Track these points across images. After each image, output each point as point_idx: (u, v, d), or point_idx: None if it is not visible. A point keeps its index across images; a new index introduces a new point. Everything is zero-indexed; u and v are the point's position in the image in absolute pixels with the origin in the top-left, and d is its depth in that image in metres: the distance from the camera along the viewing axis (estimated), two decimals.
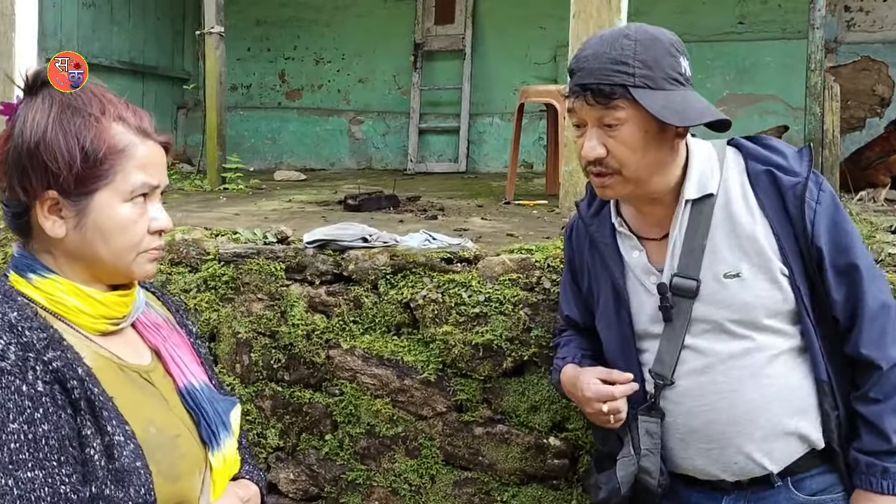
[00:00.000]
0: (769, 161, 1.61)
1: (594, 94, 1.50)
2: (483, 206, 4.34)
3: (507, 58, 6.88)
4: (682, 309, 1.61)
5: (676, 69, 1.53)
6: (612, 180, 1.56)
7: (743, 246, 1.59)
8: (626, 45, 1.51)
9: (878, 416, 1.57)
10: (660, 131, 1.54)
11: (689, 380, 1.64)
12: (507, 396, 2.34)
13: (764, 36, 6.20)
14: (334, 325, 2.53)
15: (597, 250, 1.75)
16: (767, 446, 1.61)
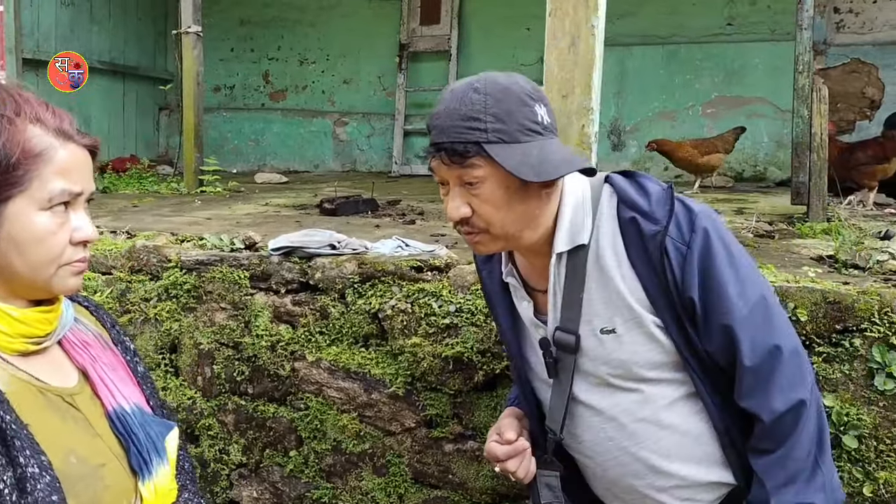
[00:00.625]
0: (635, 206, 1.48)
1: (448, 153, 1.40)
2: None
3: (493, 59, 6.77)
4: (566, 364, 1.53)
5: (532, 118, 1.41)
6: (482, 238, 1.47)
7: (614, 301, 1.48)
8: (475, 99, 1.40)
9: (763, 469, 1.46)
10: (522, 185, 1.42)
11: (590, 434, 1.56)
12: (478, 411, 2.24)
13: (752, 37, 6.11)
14: (300, 336, 2.42)
15: (490, 298, 1.67)
16: (684, 494, 1.52)
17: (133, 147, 7.31)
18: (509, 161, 1.38)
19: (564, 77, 2.35)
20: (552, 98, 2.37)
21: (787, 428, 1.44)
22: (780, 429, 1.44)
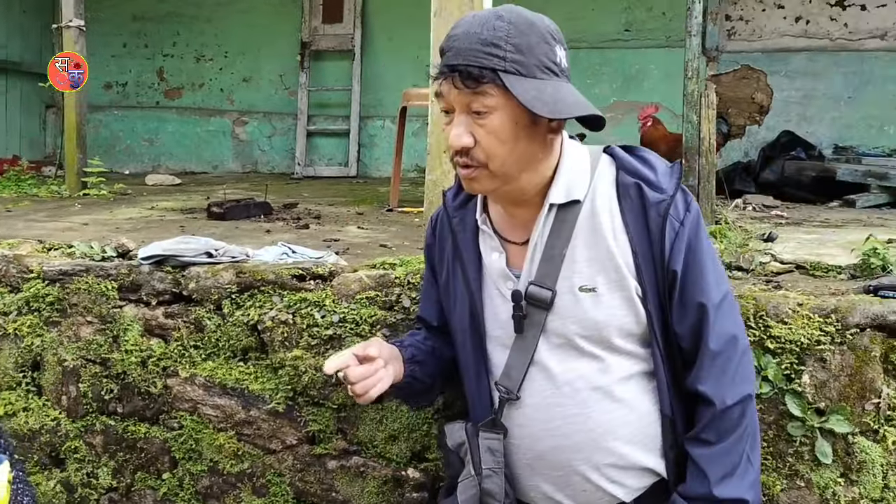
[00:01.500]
0: (639, 174, 1.50)
1: (462, 76, 1.37)
2: (364, 213, 4.13)
3: (397, 59, 6.70)
4: (535, 320, 1.50)
5: (551, 58, 1.40)
6: (479, 173, 1.44)
7: (601, 259, 1.48)
8: (499, 26, 1.38)
9: (705, 461, 1.46)
10: (531, 124, 1.42)
11: (536, 399, 1.52)
12: (363, 426, 2.15)
13: (649, 43, 6.23)
14: (173, 350, 2.27)
15: (456, 246, 1.61)
16: (615, 475, 1.51)
17: (17, 147, 6.90)
18: (524, 94, 1.36)
19: None
20: None
21: (733, 421, 1.46)
22: (726, 420, 1.46)
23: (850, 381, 1.89)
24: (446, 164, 2.30)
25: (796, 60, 6.03)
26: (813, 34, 6.07)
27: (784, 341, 1.90)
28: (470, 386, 1.64)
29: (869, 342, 1.89)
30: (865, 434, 1.88)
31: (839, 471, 1.88)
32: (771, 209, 4.23)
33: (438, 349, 1.72)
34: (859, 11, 6.02)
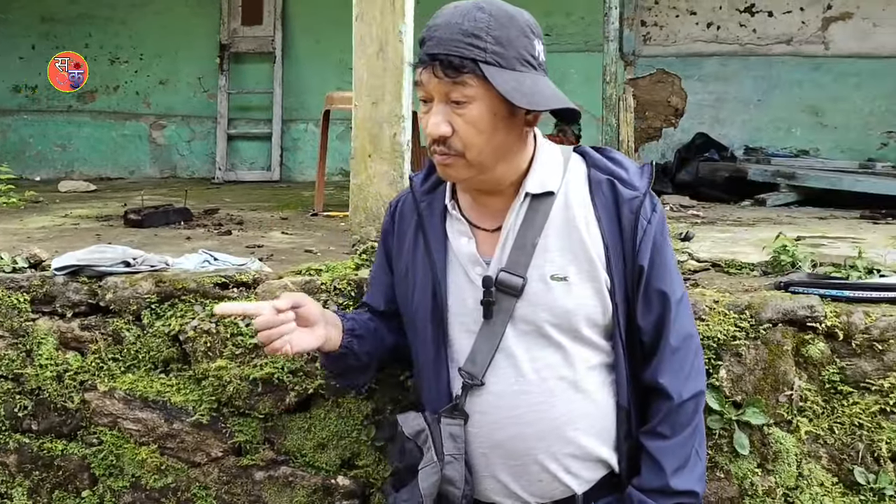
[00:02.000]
0: (611, 171, 1.57)
1: (443, 65, 1.40)
2: (288, 218, 4.08)
3: (320, 62, 6.63)
4: (504, 307, 1.51)
5: (530, 51, 1.45)
6: (455, 161, 1.46)
7: (574, 250, 1.52)
8: (479, 18, 1.41)
9: (661, 453, 1.52)
10: (509, 115, 1.44)
11: (501, 386, 1.53)
12: (291, 434, 2.12)
13: (569, 48, 6.33)
14: (90, 363, 2.20)
15: (422, 229, 1.61)
16: (573, 465, 1.53)
17: None
18: (504, 84, 1.39)
19: (374, 84, 2.28)
20: (363, 105, 2.30)
21: (688, 416, 1.54)
22: (682, 415, 1.54)
23: (764, 374, 1.97)
24: (371, 168, 2.30)
25: (708, 65, 6.23)
26: (723, 39, 6.29)
27: (702, 337, 1.96)
28: (426, 373, 1.62)
29: (781, 336, 1.97)
30: (779, 425, 1.96)
31: (756, 461, 1.96)
32: (687, 209, 4.37)
33: (380, 331, 1.71)
34: (766, 18, 6.27)
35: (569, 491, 1.54)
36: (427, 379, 1.63)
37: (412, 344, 1.68)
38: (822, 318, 1.96)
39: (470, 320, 1.55)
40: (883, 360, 1.93)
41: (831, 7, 6.17)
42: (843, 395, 1.95)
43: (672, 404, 1.52)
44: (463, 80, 1.40)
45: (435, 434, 1.55)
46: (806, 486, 1.94)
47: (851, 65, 6.11)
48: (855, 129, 6.11)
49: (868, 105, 6.07)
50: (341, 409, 2.10)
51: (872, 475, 1.92)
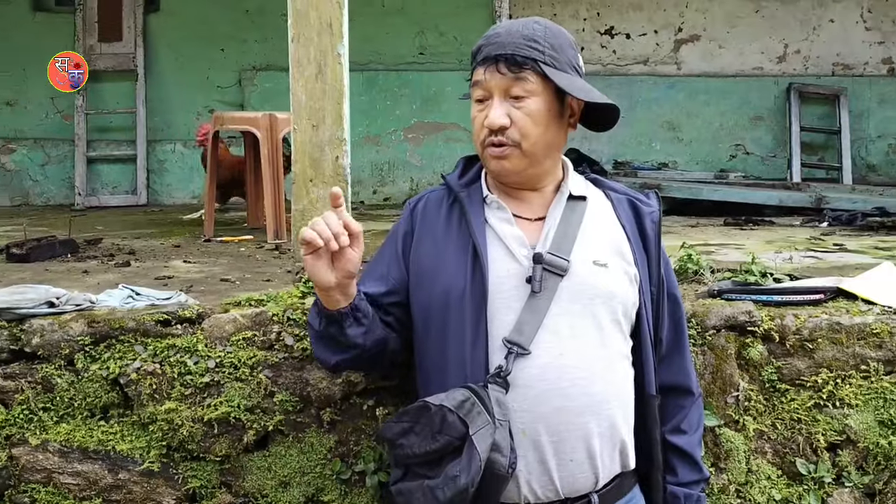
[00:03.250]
0: (626, 192, 1.78)
1: (507, 62, 1.57)
2: (181, 245, 3.88)
3: (186, 80, 6.37)
4: (549, 285, 1.60)
5: (576, 60, 1.66)
6: (512, 151, 1.60)
7: (608, 244, 1.68)
8: (536, 28, 1.62)
9: (691, 447, 1.73)
10: (558, 114, 1.63)
11: (544, 359, 1.56)
12: (250, 475, 2.02)
13: (444, 67, 6.44)
14: (17, 416, 2.00)
15: (463, 213, 1.67)
16: (603, 445, 1.58)
17: None
18: (562, 81, 1.58)
19: (314, 106, 2.23)
20: (302, 128, 2.25)
21: (700, 411, 1.80)
22: (698, 408, 1.78)
23: (713, 378, 2.09)
24: (313, 193, 2.24)
25: None
26: (587, 60, 6.60)
27: None
28: (458, 353, 1.60)
29: (725, 341, 2.11)
30: (729, 425, 2.10)
31: (710, 461, 2.07)
32: None
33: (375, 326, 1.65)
34: (625, 40, 6.67)
35: (592, 478, 1.57)
36: (458, 355, 1.59)
37: (431, 330, 1.65)
38: (759, 322, 2.12)
39: (512, 297, 1.60)
40: (814, 357, 2.10)
41: (682, 30, 6.66)
42: (782, 393, 2.11)
43: (693, 399, 1.76)
44: (524, 76, 1.57)
45: (484, 399, 1.51)
46: (755, 480, 2.08)
47: (701, 83, 6.62)
48: (707, 142, 6.61)
49: (718, 120, 6.59)
50: (303, 444, 2.03)
51: (812, 465, 2.09)
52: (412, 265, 1.71)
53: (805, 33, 6.68)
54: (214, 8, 6.32)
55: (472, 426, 1.48)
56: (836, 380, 2.09)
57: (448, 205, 1.71)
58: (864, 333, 2.10)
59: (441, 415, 1.51)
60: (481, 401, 1.51)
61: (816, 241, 4.04)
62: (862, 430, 2.07)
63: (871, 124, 6.60)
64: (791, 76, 6.61)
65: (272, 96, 6.26)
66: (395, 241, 1.76)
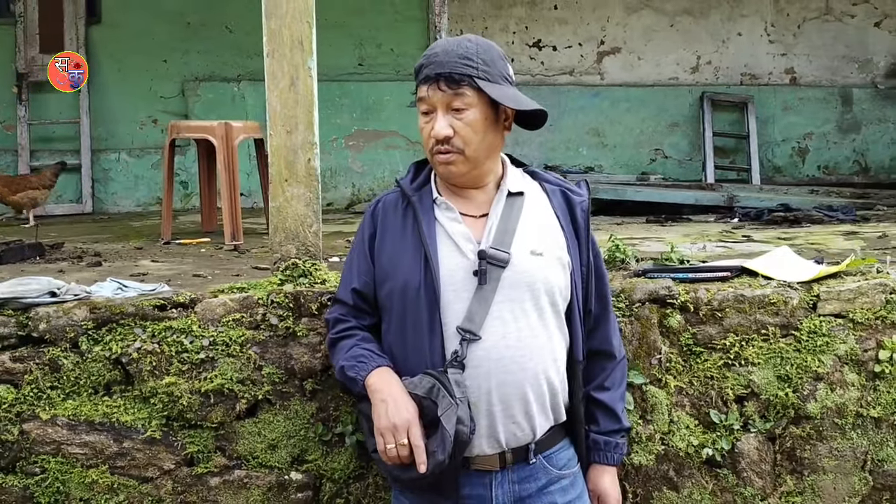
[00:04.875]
0: (558, 183, 2.03)
1: (446, 81, 1.80)
2: (142, 248, 4.07)
3: (129, 90, 6.48)
4: (494, 276, 1.85)
5: (507, 71, 1.89)
6: (456, 158, 1.84)
7: (544, 234, 1.92)
8: (469, 46, 1.85)
9: (613, 402, 2.02)
10: (494, 120, 1.87)
11: (492, 340, 1.84)
12: (242, 440, 2.28)
13: (382, 77, 6.74)
14: (27, 394, 2.21)
15: (415, 215, 1.91)
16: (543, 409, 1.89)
17: None
18: (495, 92, 1.81)
19: (287, 114, 2.50)
20: (277, 133, 2.51)
21: (623, 371, 2.09)
22: (621, 369, 2.07)
23: (639, 343, 2.45)
24: (288, 192, 2.50)
25: None
26: (518, 71, 6.97)
27: None
28: (417, 339, 1.86)
29: (649, 312, 2.47)
30: (653, 383, 2.45)
31: (639, 414, 2.43)
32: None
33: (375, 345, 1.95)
34: (552, 52, 7.09)
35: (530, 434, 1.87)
36: (416, 345, 1.86)
37: (393, 319, 1.92)
38: (677, 296, 2.48)
39: (461, 288, 1.86)
40: (723, 324, 2.48)
41: (604, 43, 7.13)
42: (697, 355, 2.48)
43: (615, 362, 2.05)
44: (462, 91, 1.81)
45: (445, 383, 1.79)
46: (676, 429, 2.44)
47: (623, 92, 7.09)
48: (629, 147, 7.08)
49: (638, 126, 7.07)
50: (288, 411, 2.30)
51: (723, 415, 2.46)
52: (376, 262, 1.96)
53: (716, 46, 7.23)
54: (156, 20, 6.46)
55: (440, 408, 1.78)
56: (742, 342, 2.46)
57: (403, 207, 1.95)
58: (763, 303, 2.49)
59: (417, 401, 1.81)
60: (444, 385, 1.80)
61: (727, 233, 4.49)
62: (763, 385, 2.45)
63: (776, 129, 7.19)
64: (703, 85, 7.15)
65: (215, 106, 6.45)
66: (362, 241, 2.00)
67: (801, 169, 7.23)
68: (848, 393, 2.48)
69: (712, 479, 2.45)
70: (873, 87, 7.30)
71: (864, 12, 7.29)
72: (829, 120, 7.21)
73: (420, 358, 1.86)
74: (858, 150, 7.26)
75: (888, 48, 7.34)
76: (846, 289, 2.54)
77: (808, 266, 2.74)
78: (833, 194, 6.25)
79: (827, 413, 2.47)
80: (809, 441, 2.47)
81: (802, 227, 4.72)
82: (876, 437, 2.50)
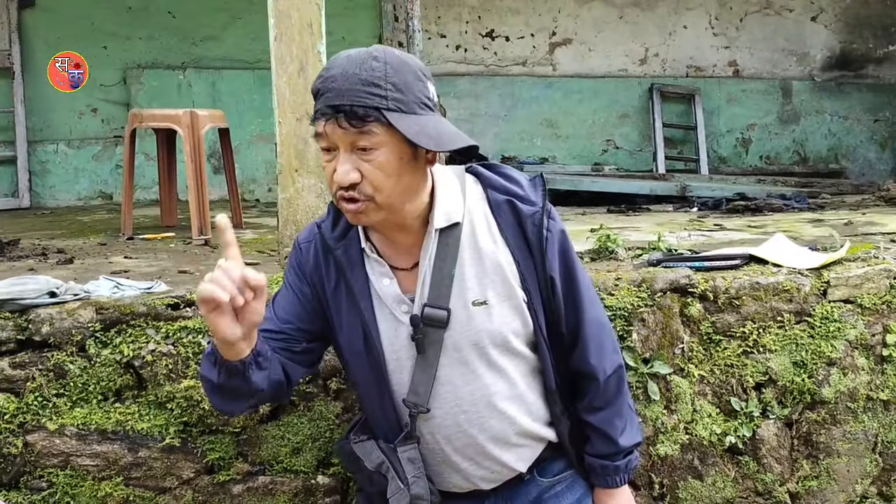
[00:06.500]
0: (508, 191, 1.65)
1: (347, 116, 1.43)
2: (106, 244, 3.84)
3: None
4: (434, 338, 1.60)
5: (426, 94, 1.51)
6: (366, 206, 1.50)
7: (488, 274, 1.62)
8: (376, 67, 1.45)
9: (603, 423, 1.74)
10: (412, 157, 1.51)
11: (444, 409, 1.65)
12: (265, 444, 2.16)
13: None
14: (30, 403, 2.04)
15: (343, 276, 1.64)
16: (518, 453, 1.72)
17: None
18: (409, 130, 1.44)
19: (297, 101, 2.38)
20: (287, 121, 2.39)
21: (614, 387, 1.76)
22: (609, 388, 1.74)
23: (662, 333, 2.43)
24: (298, 183, 2.38)
25: (461, 84, 6.86)
26: (471, 61, 6.96)
27: (615, 309, 2.38)
28: (371, 404, 1.72)
29: (670, 302, 2.46)
30: (677, 373, 2.44)
31: (663, 404, 2.42)
32: None
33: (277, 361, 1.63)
34: (504, 42, 7.07)
35: (514, 473, 1.72)
36: (373, 411, 1.72)
37: (352, 374, 1.74)
38: (697, 285, 2.48)
39: (404, 356, 1.63)
40: (740, 312, 2.49)
41: (556, 34, 7.14)
42: (716, 343, 2.48)
43: (598, 383, 1.72)
44: (368, 128, 1.43)
45: (395, 462, 1.65)
46: (699, 418, 2.44)
47: (575, 83, 7.13)
48: (582, 138, 7.13)
49: (590, 117, 7.12)
50: (312, 412, 2.19)
51: (743, 402, 2.47)
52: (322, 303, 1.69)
53: (663, 38, 7.34)
54: (94, 4, 6.12)
55: (389, 490, 1.64)
56: (759, 330, 2.48)
57: (329, 261, 1.66)
58: (777, 290, 2.51)
59: (363, 470, 1.70)
60: (393, 466, 1.64)
61: (697, 222, 4.55)
62: (780, 371, 2.48)
63: (721, 121, 7.36)
64: (652, 77, 7.25)
65: (160, 95, 6.19)
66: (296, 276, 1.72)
67: (744, 159, 7.43)
68: (859, 377, 2.53)
69: (734, 466, 2.47)
70: (811, 79, 7.55)
71: (802, 6, 7.52)
72: (770, 111, 7.42)
73: (379, 423, 1.71)
74: (798, 141, 7.50)
75: (824, 42, 7.60)
76: (853, 275, 2.59)
77: (807, 253, 2.78)
78: (779, 183, 6.44)
79: (840, 397, 2.51)
80: (824, 425, 2.51)
81: (766, 216, 4.83)
82: (885, 419, 2.56)
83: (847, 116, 7.54)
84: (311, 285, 1.70)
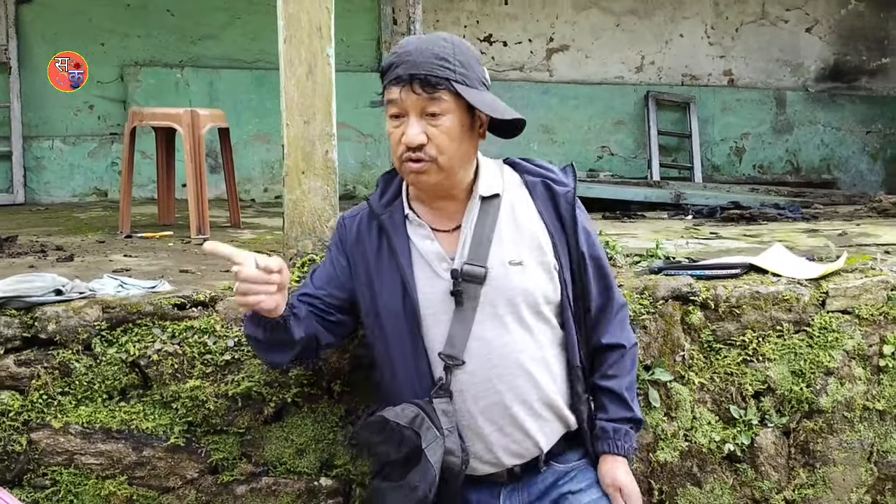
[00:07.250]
0: (542, 174, 1.88)
1: (422, 83, 1.64)
2: (104, 241, 3.83)
3: None
4: (472, 294, 1.75)
5: (483, 75, 1.76)
6: (429, 167, 1.70)
7: (524, 240, 1.80)
8: (445, 46, 1.69)
9: (622, 389, 1.89)
10: (470, 128, 1.74)
11: (476, 363, 1.75)
12: (269, 445, 2.16)
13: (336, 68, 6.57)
14: (35, 401, 2.03)
15: (387, 237, 1.80)
16: (540, 424, 1.81)
17: None
18: (474, 98, 1.68)
19: (305, 104, 2.39)
20: (294, 123, 2.40)
21: (632, 360, 1.96)
22: (628, 358, 1.93)
23: (664, 340, 2.46)
24: (305, 185, 2.38)
25: None
26: None
27: None
28: (403, 366, 1.80)
29: (672, 309, 2.48)
30: (677, 380, 2.46)
31: (664, 411, 2.44)
32: None
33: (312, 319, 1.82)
34: (502, 47, 7.10)
35: (534, 448, 1.81)
36: (404, 370, 1.80)
37: (379, 345, 1.85)
38: (698, 293, 2.50)
39: (440, 310, 1.76)
40: (741, 321, 2.52)
41: (553, 40, 7.18)
42: (716, 351, 2.50)
43: (624, 351, 1.91)
44: (439, 95, 1.66)
45: (431, 414, 1.73)
46: (699, 426, 2.46)
47: (571, 89, 7.16)
48: (577, 144, 7.16)
49: (586, 123, 7.16)
50: (316, 414, 2.19)
51: (742, 410, 2.50)
52: (354, 277, 1.85)
53: (659, 46, 7.39)
54: (92, 1, 6.11)
55: (423, 440, 1.71)
56: (758, 338, 2.51)
57: (376, 228, 1.83)
58: (777, 300, 2.53)
59: (399, 430, 1.74)
60: (429, 416, 1.73)
61: (693, 230, 4.58)
62: (779, 380, 2.50)
63: (716, 129, 7.41)
64: (648, 85, 7.30)
65: (157, 93, 6.17)
66: (337, 251, 1.90)
67: (738, 168, 7.48)
68: (856, 387, 2.56)
69: (732, 473, 2.49)
70: (805, 90, 7.62)
71: (797, 18, 7.59)
72: (764, 121, 7.48)
73: (410, 385, 1.80)
74: (791, 151, 7.56)
75: (818, 53, 7.67)
76: (851, 285, 2.62)
77: (806, 263, 2.81)
78: (772, 192, 6.49)
79: (837, 407, 2.54)
80: (821, 434, 2.54)
81: (761, 225, 4.87)
82: (881, 429, 2.59)
83: (840, 127, 7.61)
84: (349, 257, 1.87)
